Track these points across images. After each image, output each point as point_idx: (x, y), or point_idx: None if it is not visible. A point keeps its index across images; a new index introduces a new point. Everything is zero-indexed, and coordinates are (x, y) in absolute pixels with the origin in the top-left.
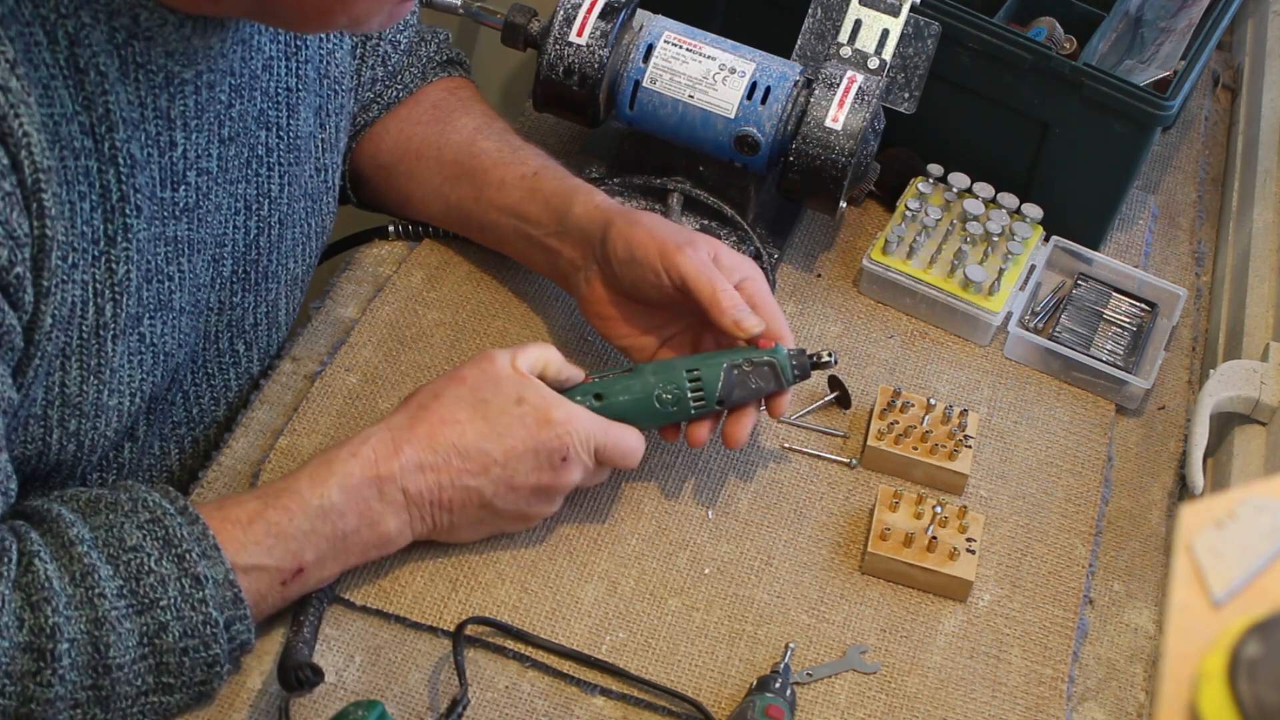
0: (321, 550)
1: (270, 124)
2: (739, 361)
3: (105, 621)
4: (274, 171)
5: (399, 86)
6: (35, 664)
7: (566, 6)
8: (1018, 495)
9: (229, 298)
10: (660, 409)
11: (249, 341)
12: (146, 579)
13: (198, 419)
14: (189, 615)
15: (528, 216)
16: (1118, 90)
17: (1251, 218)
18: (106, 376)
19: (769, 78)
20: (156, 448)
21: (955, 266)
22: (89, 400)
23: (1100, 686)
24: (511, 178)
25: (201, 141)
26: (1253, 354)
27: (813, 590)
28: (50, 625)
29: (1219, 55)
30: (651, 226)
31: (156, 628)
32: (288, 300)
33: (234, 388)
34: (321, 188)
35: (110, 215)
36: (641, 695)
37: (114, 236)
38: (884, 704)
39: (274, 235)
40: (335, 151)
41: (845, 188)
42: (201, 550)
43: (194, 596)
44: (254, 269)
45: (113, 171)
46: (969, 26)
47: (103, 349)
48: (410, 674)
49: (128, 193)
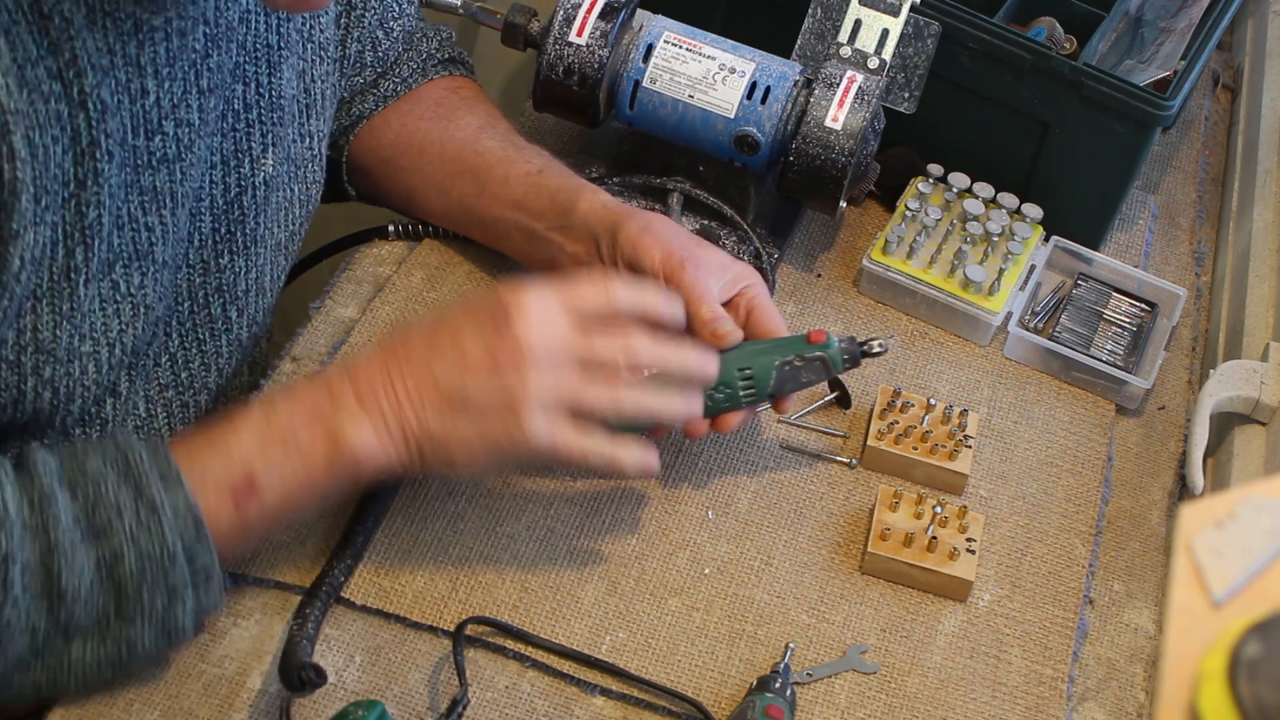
0: (271, 457)
1: (248, 79)
2: (790, 358)
3: (58, 547)
4: (254, 129)
5: (396, 79)
6: None
7: (566, 6)
8: (1018, 495)
9: (213, 258)
10: (712, 406)
11: (240, 308)
12: (102, 506)
13: (186, 384)
14: (144, 543)
15: (531, 211)
16: (1118, 90)
17: (1251, 218)
18: (79, 321)
19: (769, 78)
20: (143, 409)
21: (955, 266)
22: (62, 346)
23: (1100, 686)
24: (515, 174)
25: (177, 91)
26: (1253, 354)
27: (813, 590)
28: (4, 552)
29: (1219, 55)
30: (660, 234)
31: (112, 556)
32: (273, 267)
33: (224, 354)
34: (307, 154)
35: (80, 159)
36: (641, 695)
37: (84, 180)
38: (884, 704)
39: (259, 197)
40: (321, 120)
41: (845, 188)
42: (159, 475)
43: (148, 523)
44: (239, 229)
45: (83, 116)
46: (969, 26)
47: (74, 293)
48: (410, 674)
49: (98, 137)
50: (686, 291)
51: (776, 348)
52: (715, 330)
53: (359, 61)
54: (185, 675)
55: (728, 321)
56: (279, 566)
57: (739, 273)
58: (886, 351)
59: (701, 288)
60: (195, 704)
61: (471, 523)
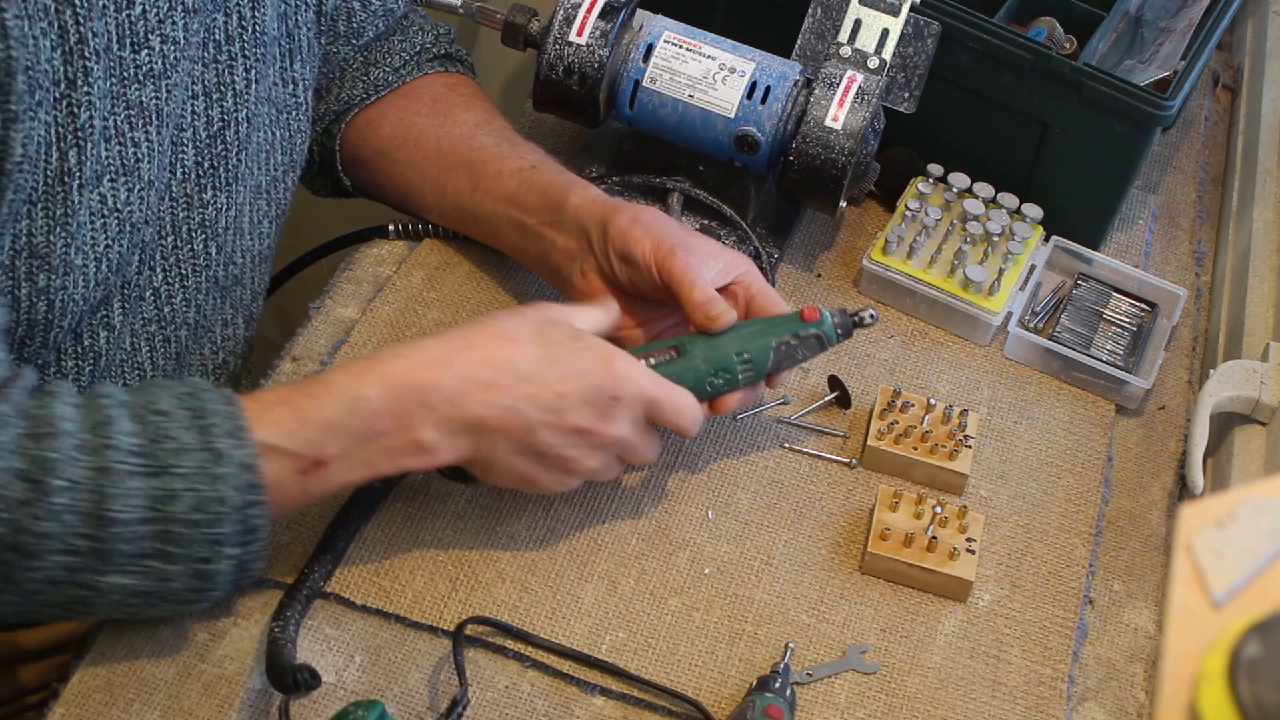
0: (347, 446)
1: (230, 10)
2: (786, 338)
3: (112, 472)
4: (236, 62)
5: (387, 69)
6: (28, 493)
7: (566, 6)
8: (1018, 495)
9: (196, 192)
10: (710, 391)
11: (219, 245)
12: (167, 443)
13: (169, 318)
14: (202, 488)
15: (524, 206)
16: (1118, 90)
17: (1251, 218)
18: (73, 230)
19: (769, 77)
20: (128, 342)
21: (955, 266)
22: (56, 254)
23: (1100, 686)
24: (508, 170)
25: (163, 6)
26: (1253, 354)
27: (813, 590)
28: (48, 459)
29: (1219, 55)
30: (649, 225)
31: (167, 494)
32: (253, 210)
33: (203, 289)
34: (290, 101)
35: (69, 57)
36: (641, 695)
37: (74, 79)
38: (884, 704)
39: (241, 133)
40: (305, 67)
41: (845, 187)
42: (229, 428)
43: (211, 470)
44: (221, 165)
45: (70, 12)
46: (969, 26)
47: (68, 198)
48: (410, 674)
49: (85, 35)
50: (678, 277)
51: (771, 328)
52: (709, 313)
53: (333, 30)
54: (185, 675)
55: (720, 303)
56: (279, 566)
57: (731, 259)
58: (877, 320)
59: (693, 273)
60: (195, 704)
61: (471, 523)
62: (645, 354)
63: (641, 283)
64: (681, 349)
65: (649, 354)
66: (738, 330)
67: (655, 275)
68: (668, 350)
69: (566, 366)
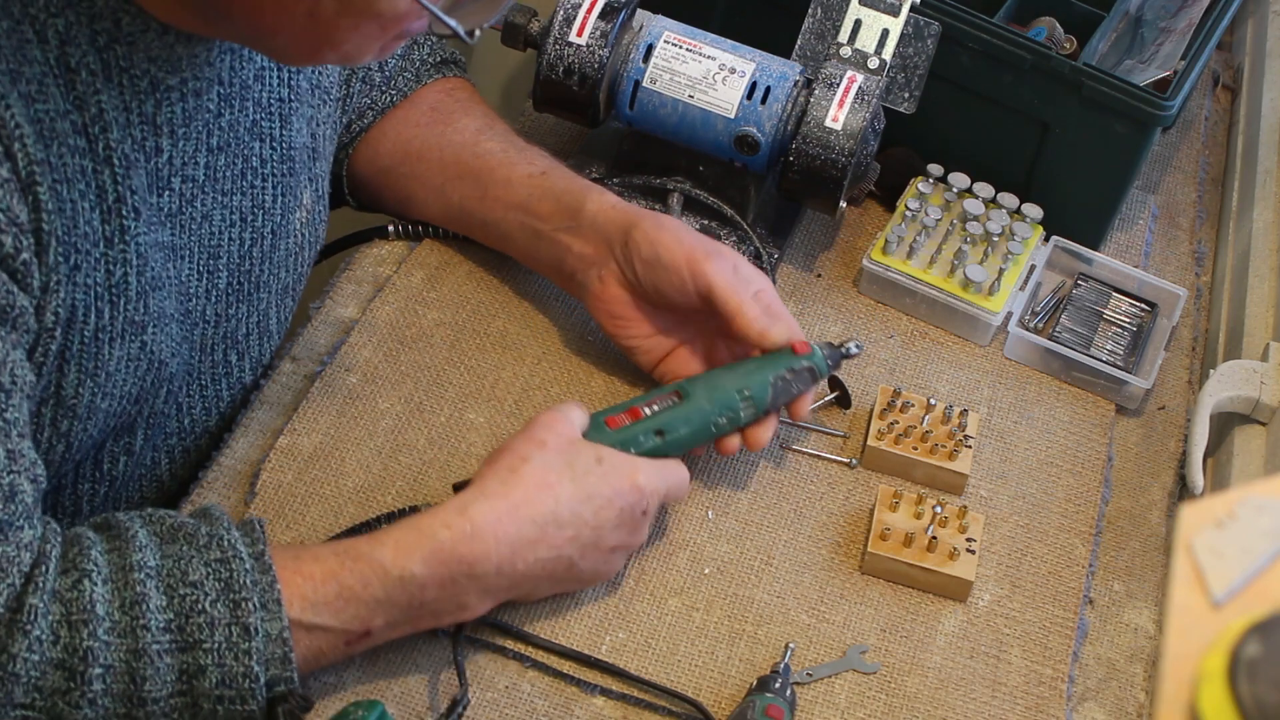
0: (393, 617)
1: (264, 135)
2: (782, 372)
3: (145, 654)
4: (268, 183)
5: (393, 90)
6: (66, 683)
7: (566, 6)
8: (1018, 495)
9: (225, 309)
10: (715, 431)
11: (241, 352)
12: (197, 618)
13: (189, 429)
14: (230, 664)
15: (537, 213)
16: (1118, 90)
17: (1251, 218)
18: (102, 380)
19: (769, 78)
20: (149, 459)
21: (955, 266)
22: (83, 403)
23: (1100, 686)
24: (518, 176)
25: (189, 150)
26: (1253, 354)
27: (813, 590)
28: (85, 647)
29: (1219, 55)
30: (678, 232)
31: (195, 669)
32: (279, 309)
33: (226, 398)
34: (314, 198)
35: (108, 216)
36: (641, 695)
37: (111, 238)
38: (884, 704)
39: (266, 246)
40: (325, 160)
41: (845, 188)
42: (261, 600)
43: (239, 646)
44: (247, 280)
45: (108, 172)
46: (969, 26)
47: (100, 352)
48: (410, 674)
49: (124, 194)
50: (719, 286)
51: (767, 363)
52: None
53: (367, 80)
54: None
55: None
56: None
57: (751, 274)
58: (862, 351)
59: (733, 280)
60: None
61: None
62: (648, 401)
63: (671, 291)
64: (683, 393)
65: (652, 401)
66: (733, 369)
67: (689, 284)
68: (670, 396)
69: (599, 499)
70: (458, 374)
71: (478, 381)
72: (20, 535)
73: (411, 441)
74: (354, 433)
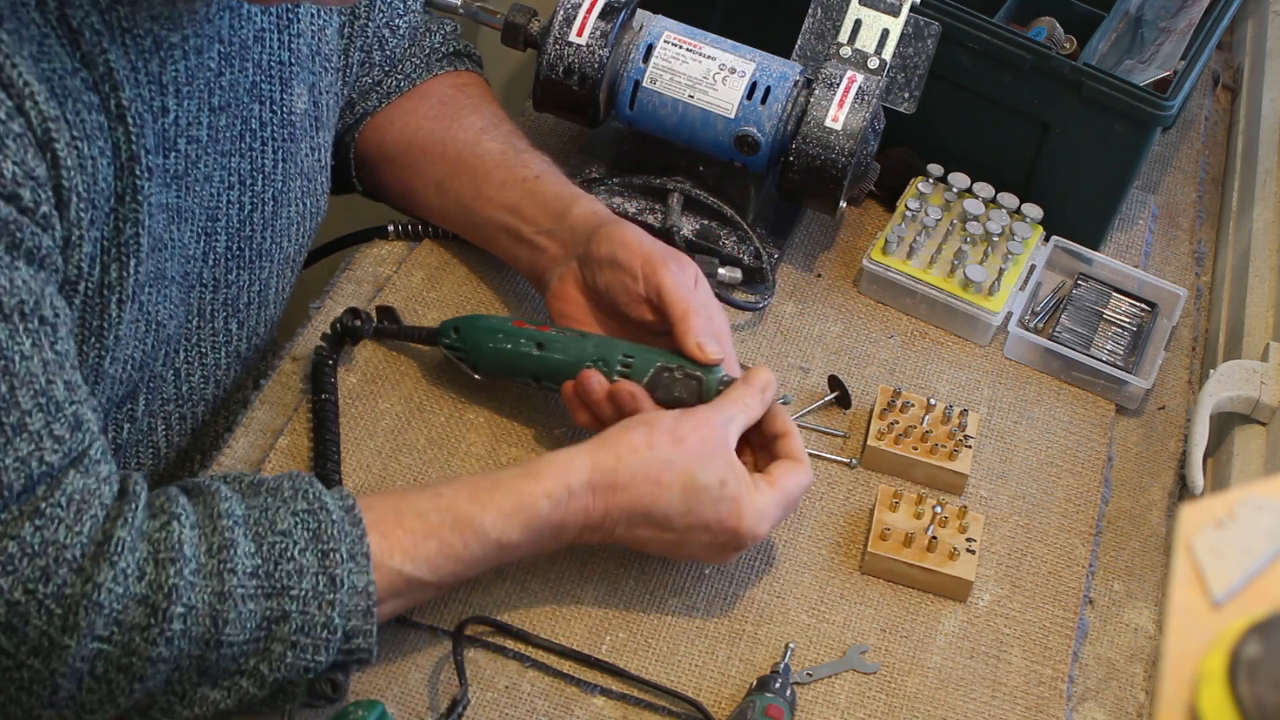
0: (483, 568)
1: (264, 97)
2: (673, 366)
3: (230, 597)
4: (268, 146)
5: (400, 75)
6: (147, 619)
7: (566, 6)
8: (1018, 495)
9: (224, 275)
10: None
11: (241, 320)
12: (285, 565)
13: (186, 396)
14: (313, 613)
15: (523, 215)
16: (1118, 90)
17: (1251, 218)
18: (110, 342)
19: (769, 78)
20: (145, 424)
21: (955, 266)
22: (89, 364)
23: (1100, 686)
24: (513, 179)
25: (192, 109)
26: (1253, 354)
27: (813, 590)
28: (170, 585)
29: (1219, 55)
30: (641, 235)
31: (279, 615)
32: (279, 280)
33: (223, 365)
34: (316, 167)
35: (121, 173)
36: (641, 695)
37: (123, 195)
38: (884, 704)
39: (268, 212)
40: (327, 130)
41: (845, 188)
42: (350, 552)
43: (325, 596)
44: (248, 246)
45: (121, 129)
46: (969, 26)
47: (106, 311)
48: (410, 674)
49: (137, 152)
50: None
51: (670, 354)
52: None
53: (367, 62)
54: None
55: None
56: None
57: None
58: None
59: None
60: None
61: None
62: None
63: (620, 291)
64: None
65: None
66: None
67: (641, 284)
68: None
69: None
70: (458, 374)
71: (478, 381)
72: (99, 469)
73: (411, 441)
74: (354, 433)
